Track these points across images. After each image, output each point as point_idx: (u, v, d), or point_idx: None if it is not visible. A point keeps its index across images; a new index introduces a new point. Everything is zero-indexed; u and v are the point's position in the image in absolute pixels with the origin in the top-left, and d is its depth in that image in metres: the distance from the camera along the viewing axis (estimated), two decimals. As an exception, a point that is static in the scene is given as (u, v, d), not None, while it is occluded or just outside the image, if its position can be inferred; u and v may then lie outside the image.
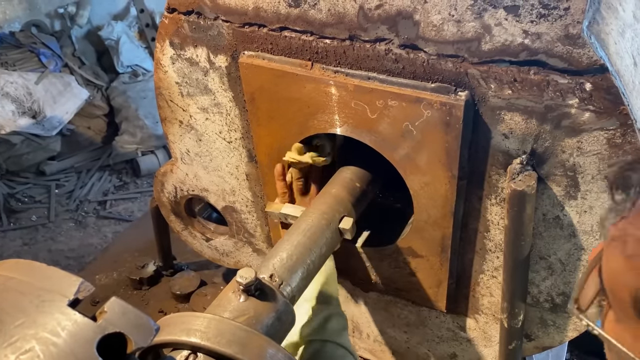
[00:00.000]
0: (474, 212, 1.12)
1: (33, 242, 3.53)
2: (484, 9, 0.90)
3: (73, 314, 0.53)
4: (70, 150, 4.22)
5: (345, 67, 1.08)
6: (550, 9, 0.85)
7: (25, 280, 0.56)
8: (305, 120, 1.17)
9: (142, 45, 4.56)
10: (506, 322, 1.15)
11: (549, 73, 0.89)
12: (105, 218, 3.74)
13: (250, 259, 1.63)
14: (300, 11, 1.07)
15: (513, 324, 1.15)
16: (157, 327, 0.56)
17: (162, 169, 1.59)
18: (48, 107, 3.97)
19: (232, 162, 1.42)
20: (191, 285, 1.87)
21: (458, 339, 1.39)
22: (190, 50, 1.26)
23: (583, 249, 1.05)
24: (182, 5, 1.21)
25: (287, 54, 1.13)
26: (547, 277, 1.13)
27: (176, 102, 1.38)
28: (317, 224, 1.11)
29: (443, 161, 1.05)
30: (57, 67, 4.10)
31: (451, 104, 0.98)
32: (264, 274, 0.98)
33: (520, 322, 1.15)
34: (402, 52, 1.00)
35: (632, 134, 0.89)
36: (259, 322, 0.88)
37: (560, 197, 1.01)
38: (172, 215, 1.68)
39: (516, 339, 1.17)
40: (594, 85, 0.87)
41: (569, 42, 0.86)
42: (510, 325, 1.15)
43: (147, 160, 4.14)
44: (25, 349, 0.51)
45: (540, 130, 0.95)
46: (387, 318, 1.48)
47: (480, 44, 0.92)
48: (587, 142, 0.93)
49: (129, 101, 4.20)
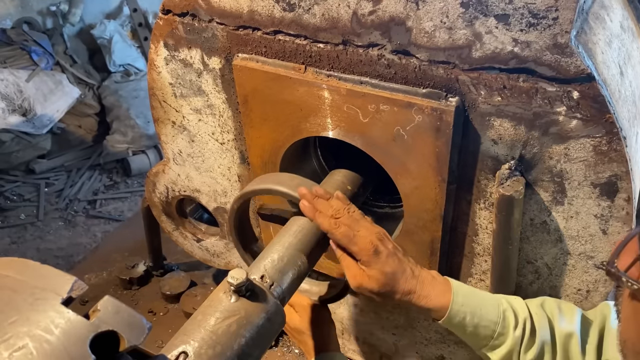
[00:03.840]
0: (463, 216, 1.14)
1: (21, 240, 3.51)
2: (475, 17, 0.92)
3: (66, 312, 0.54)
4: (60, 149, 4.20)
5: (338, 71, 1.09)
6: (539, 19, 0.87)
7: (19, 278, 0.57)
8: (298, 123, 1.19)
9: (134, 45, 4.55)
10: (493, 325, 1.17)
11: (537, 81, 0.91)
12: (95, 217, 3.72)
13: (241, 260, 1.64)
14: (295, 15, 1.08)
15: (500, 327, 1.17)
16: (149, 325, 0.56)
17: (154, 169, 1.60)
18: (39, 105, 3.95)
19: (225, 164, 1.42)
20: (181, 285, 1.87)
21: (446, 341, 1.40)
22: (185, 51, 1.27)
23: (569, 254, 1.07)
24: (177, 6, 1.21)
25: (281, 57, 1.14)
26: (534, 281, 1.15)
27: (169, 102, 1.39)
28: (308, 225, 1.12)
29: (433, 165, 1.06)
30: (49, 65, 4.08)
31: (442, 110, 0.99)
32: (255, 275, 0.99)
33: (507, 325, 1.17)
34: (395, 57, 1.02)
35: (617, 141, 0.91)
36: (249, 323, 0.89)
37: (548, 203, 1.03)
38: (163, 215, 1.68)
39: (503, 342, 1.19)
40: (581, 93, 0.89)
41: (557, 51, 0.87)
42: (497, 328, 1.17)
43: (138, 160, 4.12)
44: (18, 346, 0.51)
45: (528, 136, 0.97)
46: (377, 320, 1.49)
47: (471, 51, 0.94)
48: (574, 149, 0.94)
49: (121, 100, 4.19)
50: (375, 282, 0.98)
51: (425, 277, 1.01)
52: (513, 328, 0.97)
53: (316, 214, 1.03)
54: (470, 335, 0.99)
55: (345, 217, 1.02)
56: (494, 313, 0.98)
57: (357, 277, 1.00)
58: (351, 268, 1.01)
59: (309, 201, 1.05)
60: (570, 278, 1.10)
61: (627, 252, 0.60)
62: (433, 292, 0.99)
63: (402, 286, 0.99)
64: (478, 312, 0.98)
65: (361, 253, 0.99)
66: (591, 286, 1.09)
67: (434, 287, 1.00)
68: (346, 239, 1.00)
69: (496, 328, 0.98)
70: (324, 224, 1.02)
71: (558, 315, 1.00)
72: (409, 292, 0.99)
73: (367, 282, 0.99)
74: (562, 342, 0.97)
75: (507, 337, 0.97)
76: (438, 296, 0.99)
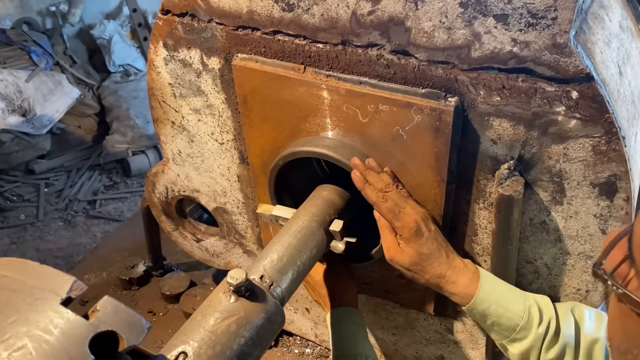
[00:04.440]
0: (462, 216, 1.14)
1: (21, 241, 3.51)
2: (474, 17, 0.92)
3: (66, 312, 0.54)
4: (60, 149, 4.20)
5: (338, 72, 1.09)
6: (538, 18, 0.87)
7: (18, 278, 0.57)
8: (298, 123, 1.19)
9: (134, 45, 4.54)
10: (493, 325, 1.17)
11: (536, 81, 0.91)
12: (95, 218, 3.72)
13: (241, 260, 1.64)
14: (294, 15, 1.08)
15: (499, 326, 1.17)
16: (148, 325, 0.56)
17: (153, 169, 1.60)
18: (38, 105, 3.95)
19: (224, 164, 1.42)
20: (181, 285, 1.87)
21: (445, 341, 1.40)
22: (184, 51, 1.27)
23: (568, 254, 1.07)
24: (176, 7, 1.22)
25: (280, 57, 1.14)
26: (534, 280, 1.15)
27: (169, 103, 1.39)
28: (307, 225, 1.12)
29: (432, 165, 1.07)
30: (48, 65, 4.07)
31: (441, 110, 0.99)
32: (254, 275, 0.99)
33: (507, 325, 1.17)
34: (394, 57, 1.02)
35: (616, 141, 0.91)
36: (249, 323, 0.89)
37: (547, 203, 1.03)
38: (162, 215, 1.68)
39: (502, 342, 1.19)
40: (580, 93, 0.89)
41: (556, 51, 0.88)
42: (497, 328, 1.17)
43: (138, 160, 4.12)
44: (17, 347, 0.51)
45: (527, 136, 0.97)
46: (376, 320, 1.49)
47: (470, 51, 0.94)
48: (573, 148, 0.95)
49: (120, 101, 4.19)
50: (408, 258, 1.04)
51: (457, 264, 1.06)
52: (537, 325, 0.99)
53: (365, 186, 1.07)
54: (492, 326, 1.01)
55: (394, 193, 1.06)
56: (519, 307, 1.00)
57: (391, 250, 1.06)
58: (388, 240, 1.07)
59: (361, 172, 1.08)
60: (570, 278, 1.10)
61: (616, 251, 0.60)
62: (462, 279, 1.03)
63: (434, 269, 1.04)
64: (503, 303, 1.00)
65: (403, 229, 1.04)
66: (590, 286, 1.09)
67: (463, 274, 1.04)
68: (391, 214, 1.05)
69: (519, 322, 0.99)
70: (372, 196, 1.06)
71: (587, 321, 1.01)
72: (439, 275, 1.05)
73: (400, 256, 1.05)
74: (586, 346, 0.98)
75: (530, 332, 0.99)
76: (466, 283, 1.03)
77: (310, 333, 1.69)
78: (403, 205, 1.06)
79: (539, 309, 1.01)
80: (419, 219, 1.04)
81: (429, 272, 1.05)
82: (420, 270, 1.05)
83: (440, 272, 1.04)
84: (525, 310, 1.00)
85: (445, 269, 1.04)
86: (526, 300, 1.02)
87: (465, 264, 1.06)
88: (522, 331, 0.99)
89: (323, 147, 1.13)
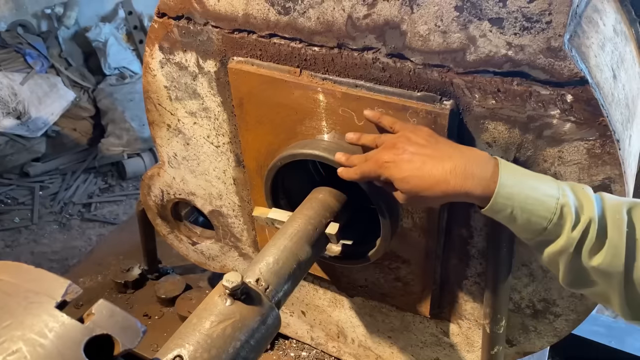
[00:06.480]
0: (458, 218, 1.14)
1: (16, 244, 3.49)
2: (469, 21, 0.92)
3: (60, 316, 0.54)
4: (55, 152, 4.19)
5: (333, 75, 1.09)
6: (533, 22, 0.88)
7: (12, 281, 0.56)
8: (293, 125, 1.19)
9: (129, 48, 4.54)
10: (488, 328, 1.17)
11: (531, 84, 0.92)
12: (90, 221, 3.71)
13: (237, 263, 1.64)
14: (290, 19, 1.08)
15: (495, 329, 1.17)
16: (144, 329, 0.56)
17: (149, 172, 1.59)
18: (33, 108, 3.94)
19: (220, 167, 1.42)
20: (176, 289, 1.86)
21: (441, 344, 1.40)
22: (180, 54, 1.27)
23: (563, 256, 1.07)
24: (172, 10, 1.22)
25: (276, 60, 1.15)
26: (529, 283, 1.15)
27: (164, 105, 1.39)
28: (303, 228, 1.12)
29: (428, 168, 1.06)
30: (43, 68, 4.06)
31: (436, 113, 1.00)
32: (250, 278, 0.98)
33: (503, 327, 1.17)
34: (389, 61, 1.02)
35: (610, 144, 0.91)
36: (244, 326, 0.89)
37: (542, 205, 1.03)
38: (158, 218, 1.67)
39: (498, 345, 1.19)
40: (575, 96, 0.89)
41: (551, 54, 0.88)
42: (493, 330, 1.17)
43: (133, 163, 4.11)
44: (12, 350, 0.51)
45: (522, 139, 0.97)
46: (372, 323, 1.49)
47: (465, 54, 0.95)
48: (568, 151, 0.95)
49: (116, 103, 4.18)
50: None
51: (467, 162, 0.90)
52: (570, 228, 0.83)
53: (351, 172, 1.03)
54: (517, 227, 0.88)
55: (370, 153, 1.01)
56: (545, 208, 0.84)
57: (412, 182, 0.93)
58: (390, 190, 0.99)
59: (344, 163, 1.06)
60: (565, 280, 1.10)
61: None
62: (478, 183, 0.88)
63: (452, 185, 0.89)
64: (527, 207, 0.85)
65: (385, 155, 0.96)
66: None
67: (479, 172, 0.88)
68: (375, 165, 0.97)
69: (546, 225, 0.84)
70: (365, 172, 1.00)
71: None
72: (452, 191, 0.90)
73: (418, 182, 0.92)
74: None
75: (561, 236, 0.84)
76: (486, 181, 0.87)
77: (307, 336, 1.69)
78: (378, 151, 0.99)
79: (576, 208, 0.84)
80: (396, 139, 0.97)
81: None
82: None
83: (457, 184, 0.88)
84: (554, 211, 0.84)
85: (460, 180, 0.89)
86: (557, 199, 0.84)
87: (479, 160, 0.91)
88: (550, 234, 0.85)
89: (319, 149, 1.13)
